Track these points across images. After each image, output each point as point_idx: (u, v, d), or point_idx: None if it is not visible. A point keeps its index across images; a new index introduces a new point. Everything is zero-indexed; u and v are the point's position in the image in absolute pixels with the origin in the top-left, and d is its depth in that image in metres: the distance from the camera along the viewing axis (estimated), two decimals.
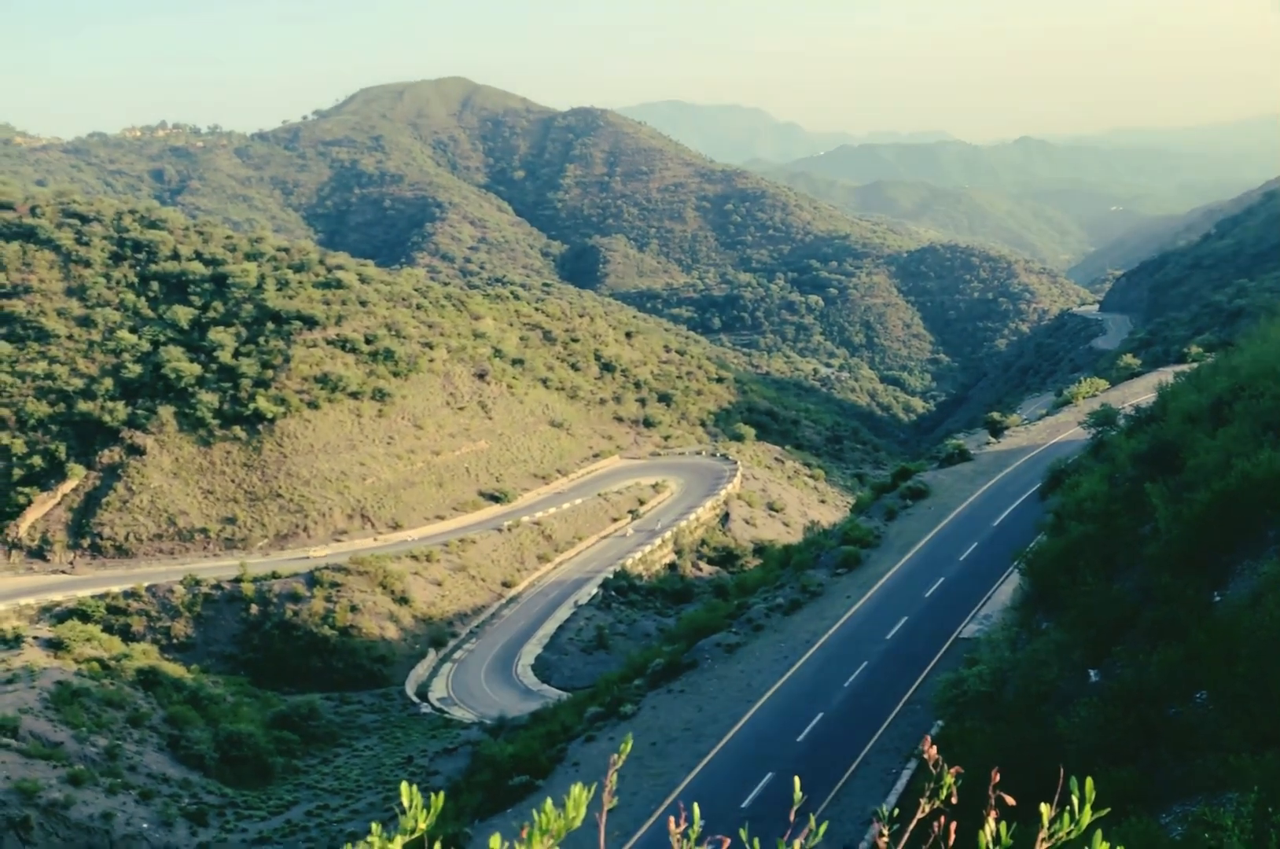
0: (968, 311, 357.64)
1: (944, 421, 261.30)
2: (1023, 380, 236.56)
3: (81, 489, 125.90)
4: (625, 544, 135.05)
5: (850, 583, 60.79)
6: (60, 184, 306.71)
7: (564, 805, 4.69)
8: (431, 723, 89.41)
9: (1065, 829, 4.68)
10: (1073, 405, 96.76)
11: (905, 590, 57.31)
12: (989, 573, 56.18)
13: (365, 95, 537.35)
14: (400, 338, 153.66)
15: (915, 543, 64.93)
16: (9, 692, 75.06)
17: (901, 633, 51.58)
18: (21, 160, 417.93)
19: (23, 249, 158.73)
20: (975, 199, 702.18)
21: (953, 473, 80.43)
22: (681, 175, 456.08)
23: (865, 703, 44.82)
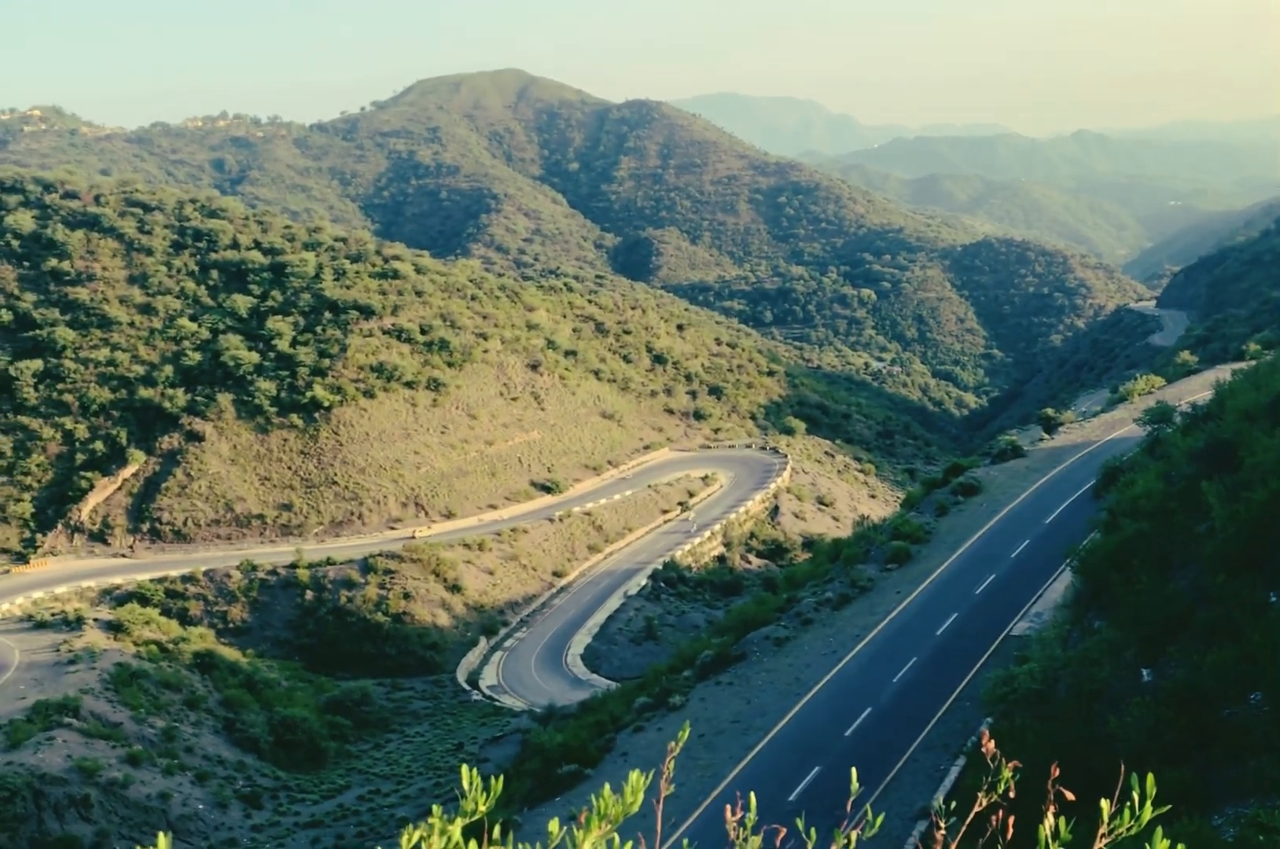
0: (1022, 306, 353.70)
1: (997, 417, 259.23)
2: (1077, 376, 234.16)
3: (141, 474, 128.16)
4: (675, 535, 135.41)
5: (900, 578, 60.71)
6: (124, 173, 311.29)
7: (622, 791, 4.73)
8: (482, 710, 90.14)
9: (1125, 825, 4.67)
10: (1128, 402, 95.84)
11: (956, 587, 57.13)
12: (1041, 570, 55.91)
13: (422, 87, 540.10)
14: (455, 328, 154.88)
15: (966, 539, 64.68)
16: (71, 672, 76.84)
17: (951, 629, 51.45)
18: (86, 150, 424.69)
19: (87, 237, 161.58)
20: (1031, 193, 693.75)
21: (1005, 469, 79.96)
22: (735, 168, 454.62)
23: (914, 699, 44.75)
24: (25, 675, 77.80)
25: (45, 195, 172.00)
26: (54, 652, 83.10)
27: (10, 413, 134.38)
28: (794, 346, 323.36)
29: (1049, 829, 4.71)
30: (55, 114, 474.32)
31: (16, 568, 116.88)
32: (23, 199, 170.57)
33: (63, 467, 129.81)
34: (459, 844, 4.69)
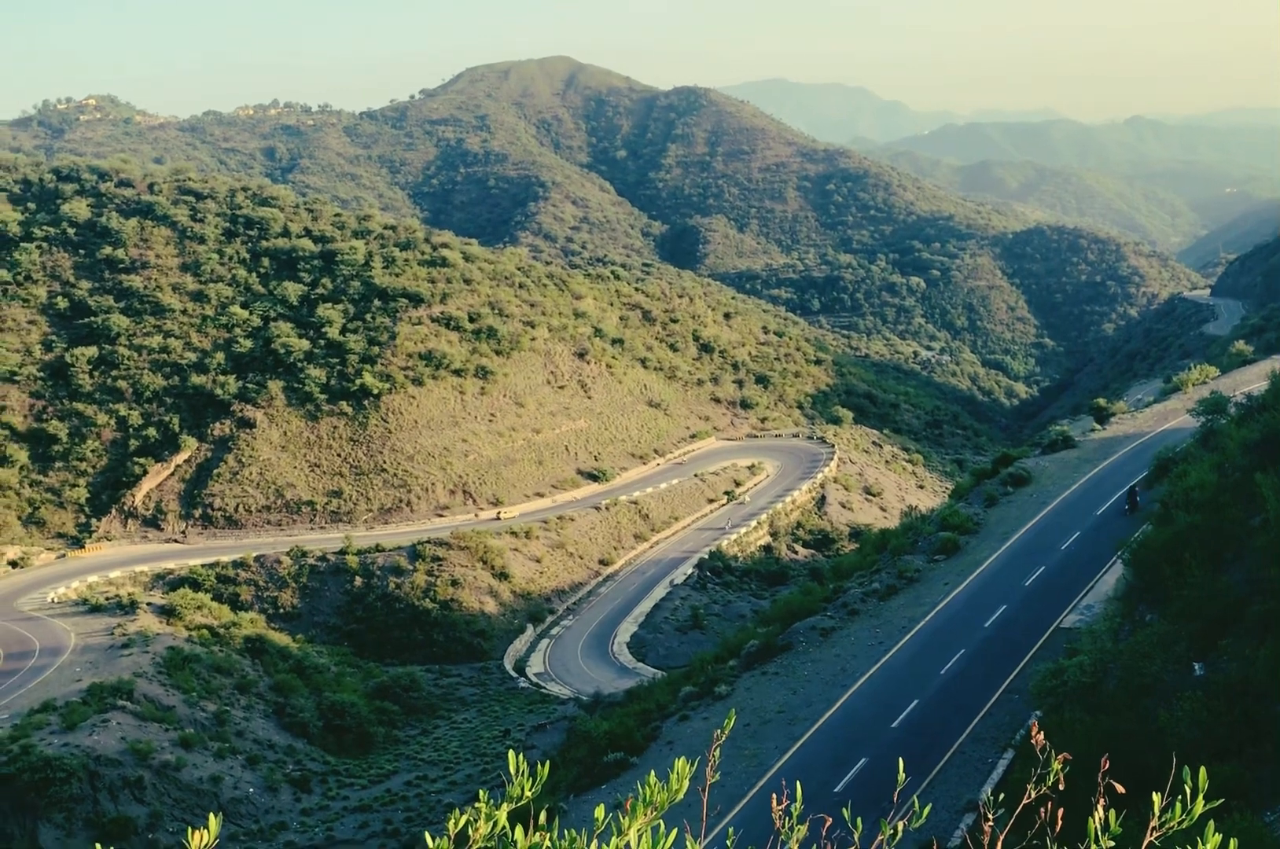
0: (1074, 295, 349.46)
1: (1047, 407, 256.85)
2: (1130, 366, 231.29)
3: (194, 460, 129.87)
4: (723, 523, 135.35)
5: (948, 569, 60.36)
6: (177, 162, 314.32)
7: (667, 779, 4.79)
8: (528, 697, 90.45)
9: (1176, 820, 4.66)
10: (1182, 392, 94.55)
11: (1005, 578, 56.73)
12: (1091, 562, 55.41)
13: (471, 75, 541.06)
14: (503, 316, 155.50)
15: (1016, 530, 64.16)
16: (124, 656, 78.01)
17: (1000, 621, 51.12)
18: (140, 138, 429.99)
19: (141, 225, 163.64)
20: (1084, 179, 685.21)
21: (1056, 460, 79.19)
22: (783, 155, 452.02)
23: (961, 691, 44.52)
24: (81, 658, 79.09)
25: (100, 184, 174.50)
26: (108, 635, 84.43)
27: (66, 399, 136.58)
28: (842, 335, 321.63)
29: (1098, 822, 4.71)
30: (110, 103, 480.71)
31: (72, 552, 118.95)
32: (79, 188, 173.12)
33: (117, 452, 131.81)
34: (505, 830, 4.75)
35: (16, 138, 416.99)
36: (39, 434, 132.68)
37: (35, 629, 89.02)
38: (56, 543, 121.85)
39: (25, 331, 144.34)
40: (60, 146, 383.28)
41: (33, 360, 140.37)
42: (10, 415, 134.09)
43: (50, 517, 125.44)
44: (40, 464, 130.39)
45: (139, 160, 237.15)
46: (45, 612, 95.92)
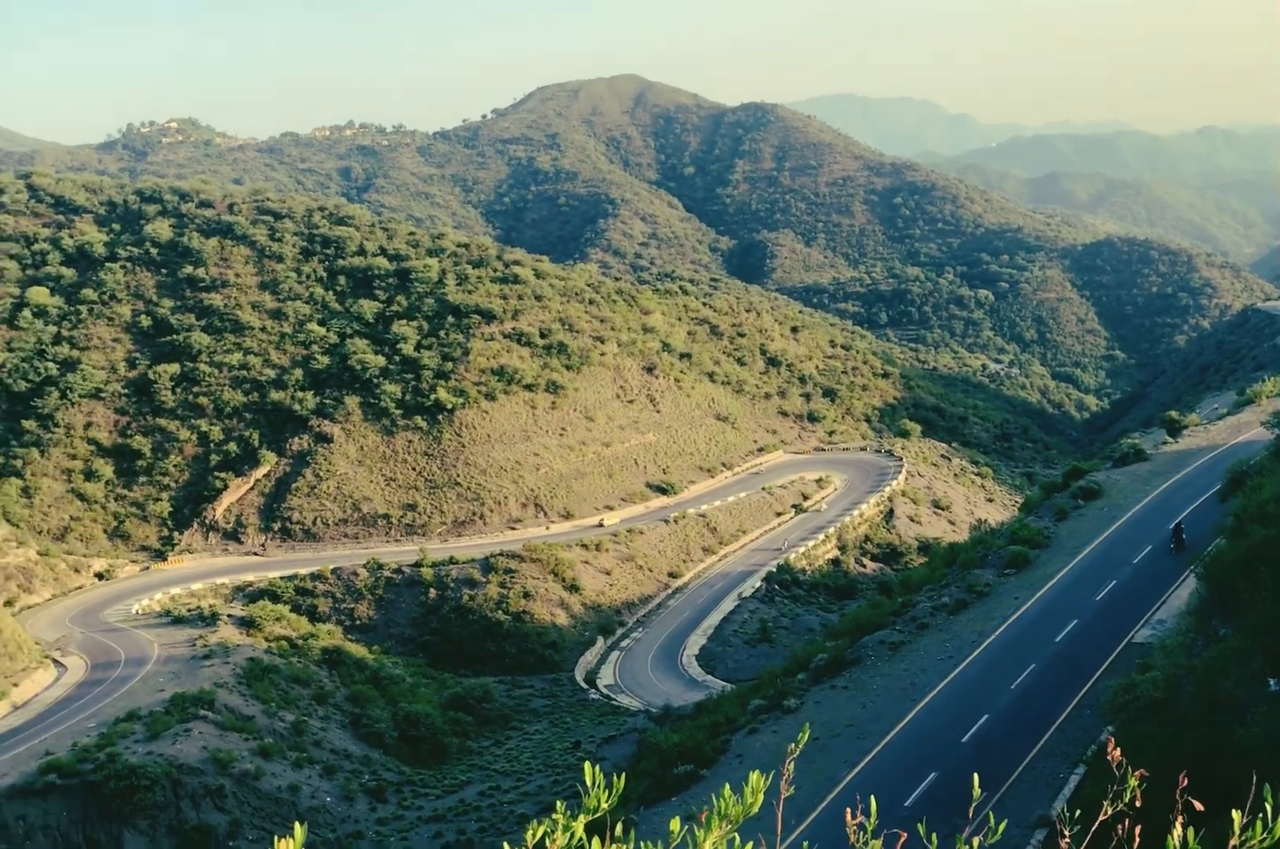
0: (1145, 307, 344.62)
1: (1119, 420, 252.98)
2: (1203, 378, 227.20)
3: (273, 475, 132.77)
4: (792, 536, 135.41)
5: (1018, 584, 60.16)
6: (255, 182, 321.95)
7: (742, 792, 4.83)
8: (599, 709, 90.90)
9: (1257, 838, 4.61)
10: (1255, 405, 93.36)
11: (1075, 593, 56.41)
12: (1164, 576, 54.99)
13: (541, 94, 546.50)
14: (573, 332, 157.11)
15: (1087, 544, 63.75)
16: (206, 666, 79.70)
17: (1071, 636, 50.87)
18: (220, 160, 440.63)
19: (221, 245, 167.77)
20: (1154, 190, 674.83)
21: (1127, 473, 78.53)
22: (850, 169, 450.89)
23: (1032, 706, 44.38)
24: (164, 668, 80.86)
25: (182, 204, 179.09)
26: (190, 646, 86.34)
27: (150, 415, 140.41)
28: (909, 349, 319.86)
29: (1177, 840, 4.67)
30: (191, 126, 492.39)
31: (156, 565, 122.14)
32: (161, 208, 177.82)
33: (198, 467, 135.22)
34: (582, 841, 4.78)
35: (102, 161, 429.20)
36: (124, 449, 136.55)
37: (120, 640, 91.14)
38: (140, 556, 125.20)
39: (110, 349, 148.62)
40: (143, 169, 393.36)
41: (118, 377, 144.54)
42: (96, 431, 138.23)
43: (135, 530, 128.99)
44: (125, 479, 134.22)
45: (219, 181, 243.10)
46: (130, 623, 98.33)
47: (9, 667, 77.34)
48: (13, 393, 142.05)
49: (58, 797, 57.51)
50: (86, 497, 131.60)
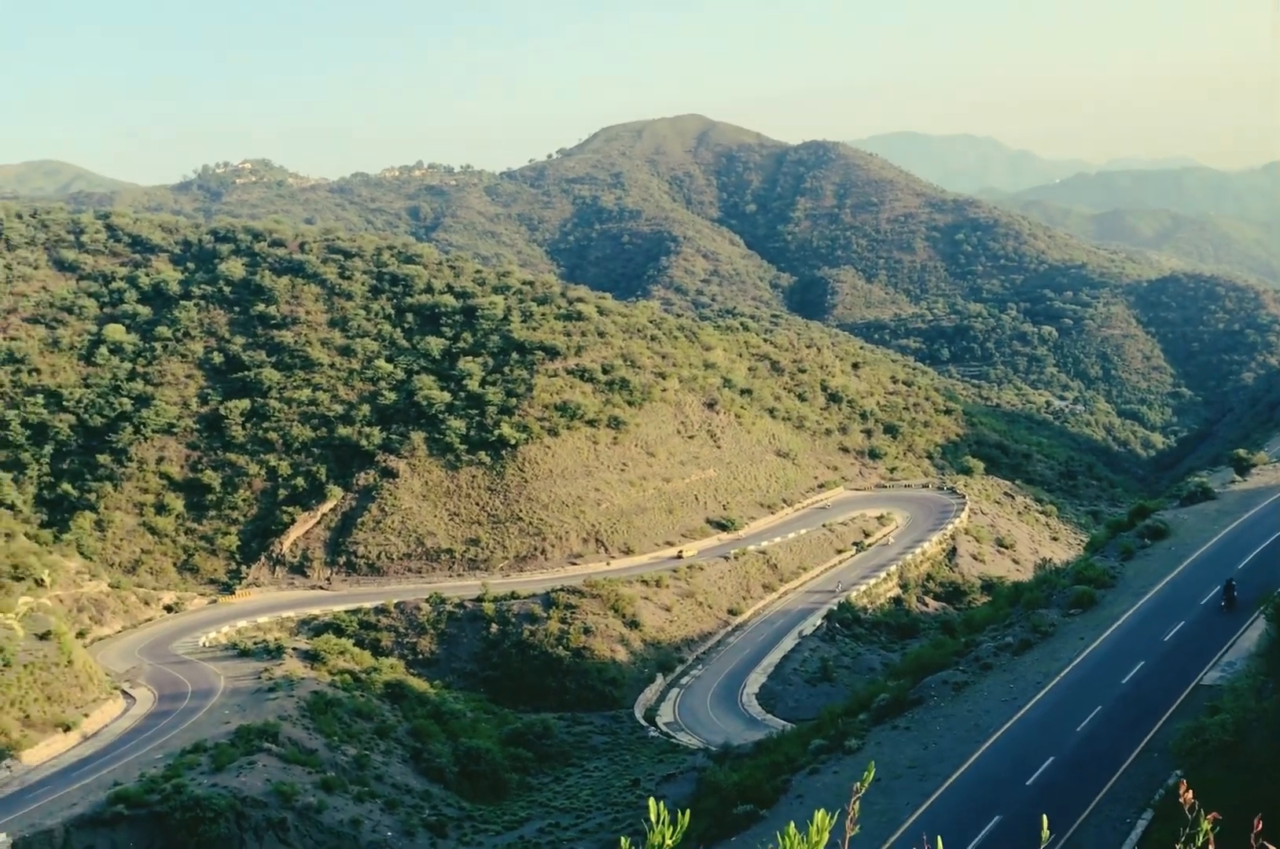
0: (1212, 343, 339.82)
1: (1185, 458, 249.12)
2: (1271, 416, 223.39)
3: (339, 509, 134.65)
4: (851, 576, 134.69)
5: (1084, 624, 59.56)
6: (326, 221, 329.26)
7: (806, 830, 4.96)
8: (659, 747, 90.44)
9: None
10: None
11: (1142, 634, 55.77)
12: (1233, 617, 54.35)
13: (606, 134, 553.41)
14: (635, 368, 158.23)
15: (1153, 584, 63.04)
16: (270, 699, 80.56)
17: (1138, 678, 50.30)
18: (292, 200, 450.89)
19: (292, 283, 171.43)
20: (1220, 227, 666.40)
21: (1194, 512, 77.54)
22: (911, 206, 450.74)
23: (1098, 749, 43.83)
24: (230, 701, 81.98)
25: (254, 244, 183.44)
26: (255, 679, 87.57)
27: (220, 450, 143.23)
28: (972, 385, 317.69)
29: None
30: (264, 167, 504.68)
31: (223, 598, 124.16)
32: (234, 247, 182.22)
33: (266, 501, 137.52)
34: None
35: (178, 201, 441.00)
36: (194, 484, 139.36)
37: (188, 672, 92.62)
38: (208, 588, 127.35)
39: (183, 385, 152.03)
40: (218, 209, 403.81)
41: (190, 413, 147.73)
42: (168, 465, 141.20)
43: (203, 563, 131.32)
44: (195, 513, 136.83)
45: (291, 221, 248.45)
46: (197, 655, 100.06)
47: (80, 697, 78.12)
48: (89, 428, 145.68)
49: (125, 827, 58.01)
50: (157, 530, 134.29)
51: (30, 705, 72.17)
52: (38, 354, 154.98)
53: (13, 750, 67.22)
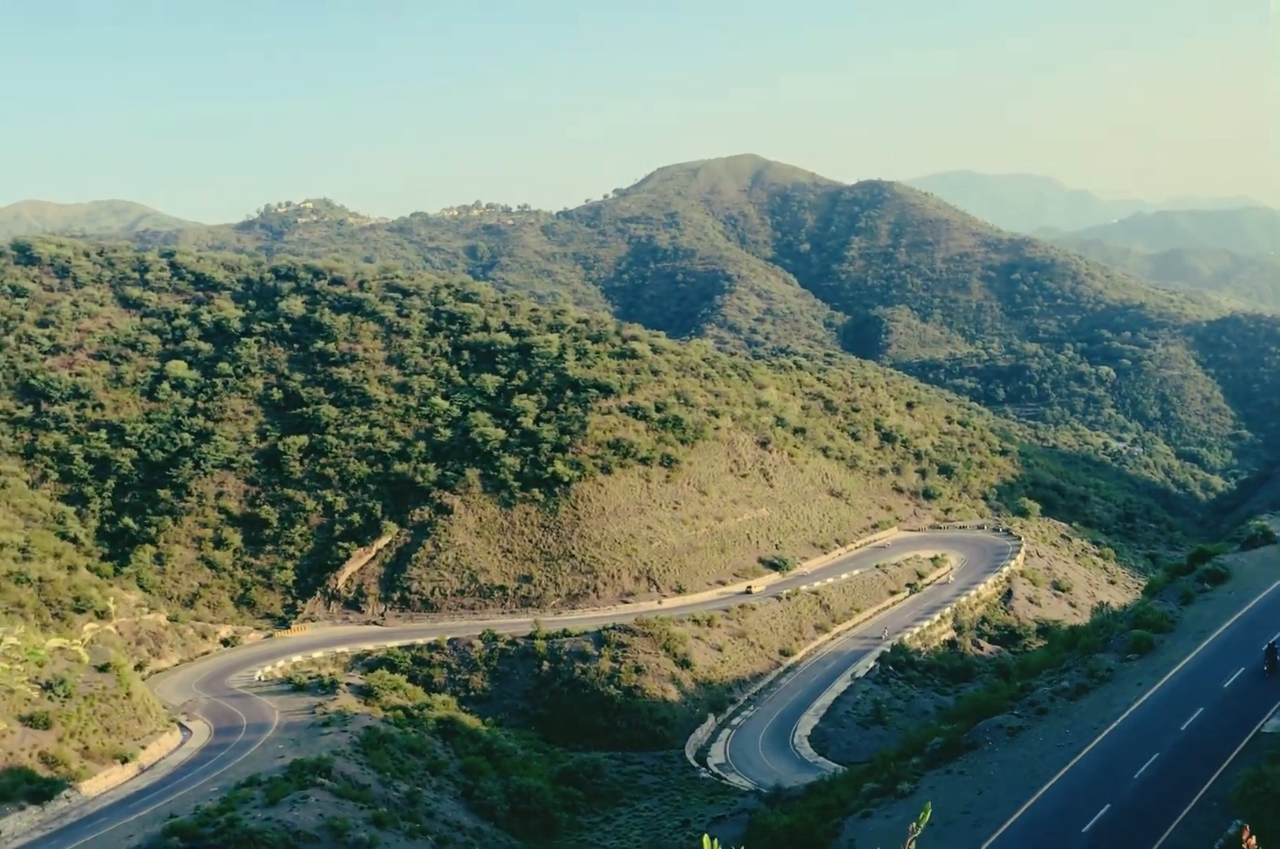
0: (1273, 385, 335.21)
1: (1246, 501, 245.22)
2: None
3: (394, 545, 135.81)
4: (904, 618, 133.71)
5: (1142, 669, 58.91)
6: (385, 260, 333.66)
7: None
8: (709, 788, 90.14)
9: None
10: None
11: (1202, 679, 55.09)
12: None
13: (661, 174, 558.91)
14: (688, 406, 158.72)
15: (1213, 629, 62.23)
16: (324, 734, 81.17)
17: (1197, 724, 49.69)
18: (352, 239, 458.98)
19: (351, 320, 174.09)
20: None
21: (1256, 556, 76.50)
22: (967, 245, 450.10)
23: (1156, 797, 43.34)
24: (284, 735, 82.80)
25: (315, 282, 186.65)
26: (309, 713, 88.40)
27: (278, 485, 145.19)
28: (1028, 425, 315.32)
29: None
30: (325, 206, 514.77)
31: (279, 632, 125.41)
32: (295, 286, 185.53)
33: (323, 537, 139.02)
34: None
35: (240, 239, 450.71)
36: (252, 518, 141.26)
37: (243, 706, 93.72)
38: (264, 623, 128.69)
39: (243, 421, 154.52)
40: (279, 247, 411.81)
41: (249, 448, 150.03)
42: (227, 500, 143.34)
43: (260, 597, 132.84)
44: (253, 547, 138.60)
45: (350, 259, 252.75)
46: (252, 689, 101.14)
47: (137, 730, 78.88)
48: (150, 462, 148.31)
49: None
50: (215, 564, 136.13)
51: (90, 737, 72.90)
52: (102, 389, 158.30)
53: (72, 781, 67.89)
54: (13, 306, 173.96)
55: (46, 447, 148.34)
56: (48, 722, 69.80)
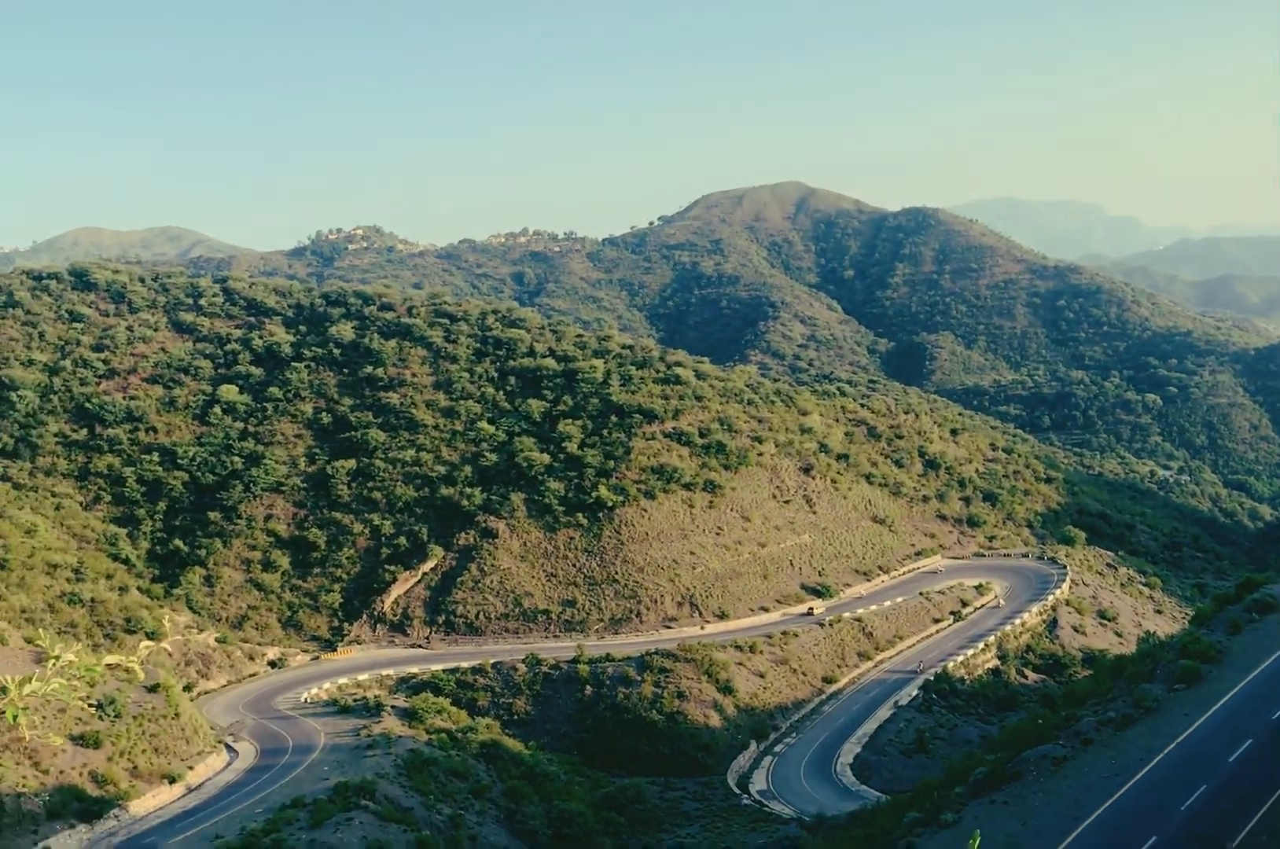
0: None
1: None
2: None
3: (439, 568, 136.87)
4: (947, 646, 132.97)
5: (1189, 699, 58.44)
6: (433, 286, 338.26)
7: None
8: (751, 815, 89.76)
9: None
10: None
11: (1250, 710, 54.57)
12: None
13: (706, 201, 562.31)
14: (731, 432, 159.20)
15: (1262, 660, 61.63)
16: (369, 756, 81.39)
17: (1245, 756, 49.20)
18: (401, 265, 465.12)
19: (399, 346, 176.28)
20: None
21: None
22: (1012, 272, 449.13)
23: (1203, 829, 42.89)
24: (329, 757, 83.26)
25: (364, 308, 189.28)
26: (354, 736, 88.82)
27: (326, 509, 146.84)
28: (1073, 453, 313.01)
29: None
30: (375, 233, 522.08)
31: (326, 655, 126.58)
32: (344, 311, 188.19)
33: (369, 560, 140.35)
34: None
35: (292, 266, 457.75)
36: (300, 541, 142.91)
37: (289, 728, 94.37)
38: (311, 645, 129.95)
39: (292, 445, 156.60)
40: (330, 273, 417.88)
41: (298, 472, 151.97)
42: (276, 523, 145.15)
43: (307, 620, 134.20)
44: (300, 570, 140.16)
45: (399, 286, 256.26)
46: (299, 711, 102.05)
47: (185, 750, 79.49)
48: (201, 485, 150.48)
49: None
50: (264, 586, 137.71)
51: (139, 756, 73.46)
52: (155, 413, 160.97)
53: (121, 800, 68.31)
54: (70, 331, 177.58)
55: (100, 469, 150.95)
56: (98, 741, 70.38)
